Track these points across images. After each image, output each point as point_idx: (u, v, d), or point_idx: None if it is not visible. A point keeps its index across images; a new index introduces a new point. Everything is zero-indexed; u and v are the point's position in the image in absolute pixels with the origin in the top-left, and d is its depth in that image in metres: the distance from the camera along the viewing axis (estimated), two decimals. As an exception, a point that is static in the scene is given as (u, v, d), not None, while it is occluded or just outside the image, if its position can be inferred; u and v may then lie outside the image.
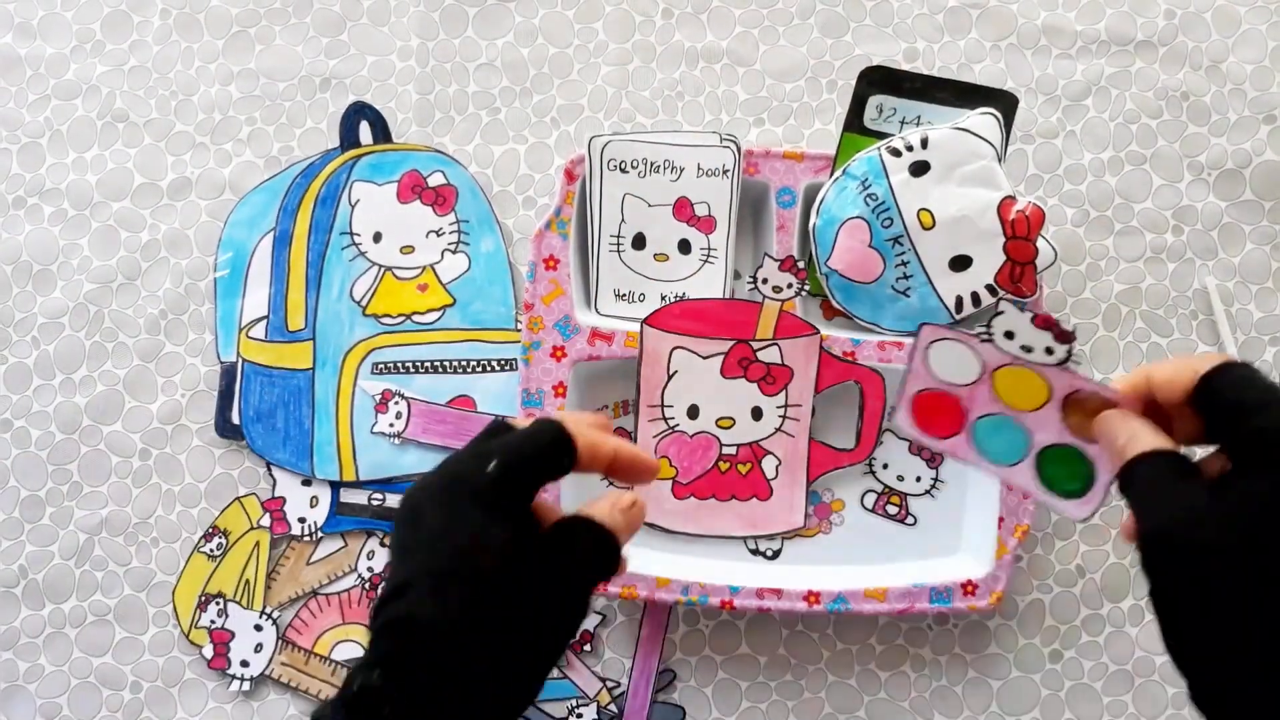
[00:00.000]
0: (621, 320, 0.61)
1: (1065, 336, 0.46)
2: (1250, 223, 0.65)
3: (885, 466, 0.62)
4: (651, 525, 0.60)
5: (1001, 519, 0.59)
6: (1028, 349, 0.48)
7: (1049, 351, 0.45)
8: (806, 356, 0.59)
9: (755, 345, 0.58)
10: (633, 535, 0.43)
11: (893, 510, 0.62)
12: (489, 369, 0.63)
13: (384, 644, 0.36)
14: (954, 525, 0.62)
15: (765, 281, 0.58)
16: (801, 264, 0.58)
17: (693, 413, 0.59)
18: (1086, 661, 0.63)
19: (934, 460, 0.62)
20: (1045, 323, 0.46)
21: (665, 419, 0.59)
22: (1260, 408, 0.38)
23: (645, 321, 0.59)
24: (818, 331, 0.59)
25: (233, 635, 0.63)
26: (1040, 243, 0.57)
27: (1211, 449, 0.42)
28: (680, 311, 0.59)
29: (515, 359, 0.63)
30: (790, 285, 0.58)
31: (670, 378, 0.59)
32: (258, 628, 0.63)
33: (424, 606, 0.36)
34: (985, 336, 0.51)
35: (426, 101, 0.66)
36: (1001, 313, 0.47)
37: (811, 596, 0.59)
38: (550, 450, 0.41)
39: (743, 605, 0.59)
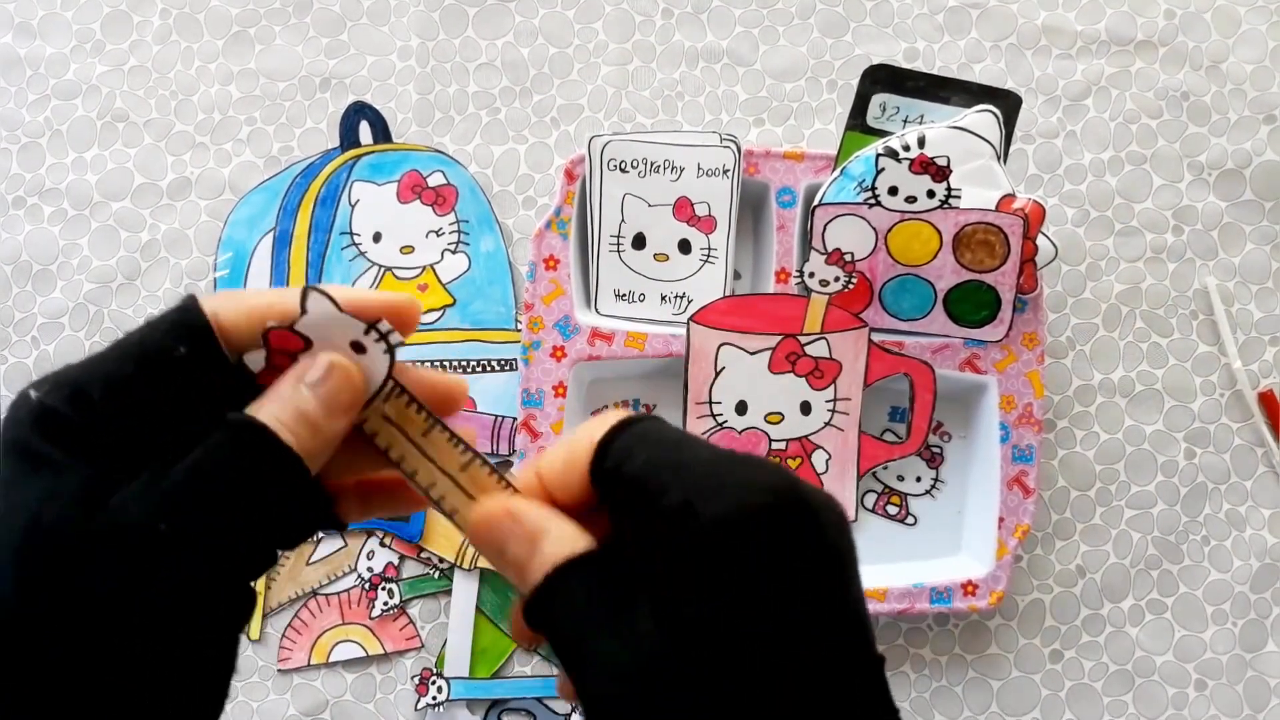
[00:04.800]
0: (621, 320, 0.61)
1: (942, 173, 0.47)
2: (1250, 223, 0.65)
3: (885, 467, 0.62)
4: None
5: (1002, 519, 0.59)
6: (912, 199, 0.48)
7: (931, 195, 0.44)
8: (855, 349, 0.59)
9: (803, 339, 0.58)
10: (346, 423, 0.27)
11: (893, 510, 0.62)
12: (489, 369, 0.63)
13: None
14: (954, 525, 0.62)
15: (812, 275, 0.57)
16: (849, 258, 0.58)
17: (741, 409, 0.59)
18: (1087, 661, 0.63)
19: (934, 460, 0.62)
20: (922, 166, 0.48)
21: (713, 416, 0.59)
22: (669, 472, 0.26)
23: (692, 319, 0.59)
24: (866, 324, 0.59)
25: None
26: (1040, 239, 0.57)
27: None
28: (727, 307, 0.59)
29: (515, 359, 0.63)
30: (838, 279, 0.57)
31: (718, 374, 0.59)
32: None
33: None
34: (873, 201, 0.54)
35: (426, 101, 0.66)
36: (882, 169, 0.49)
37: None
38: (146, 345, 0.27)
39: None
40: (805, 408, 0.59)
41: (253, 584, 0.28)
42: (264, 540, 0.27)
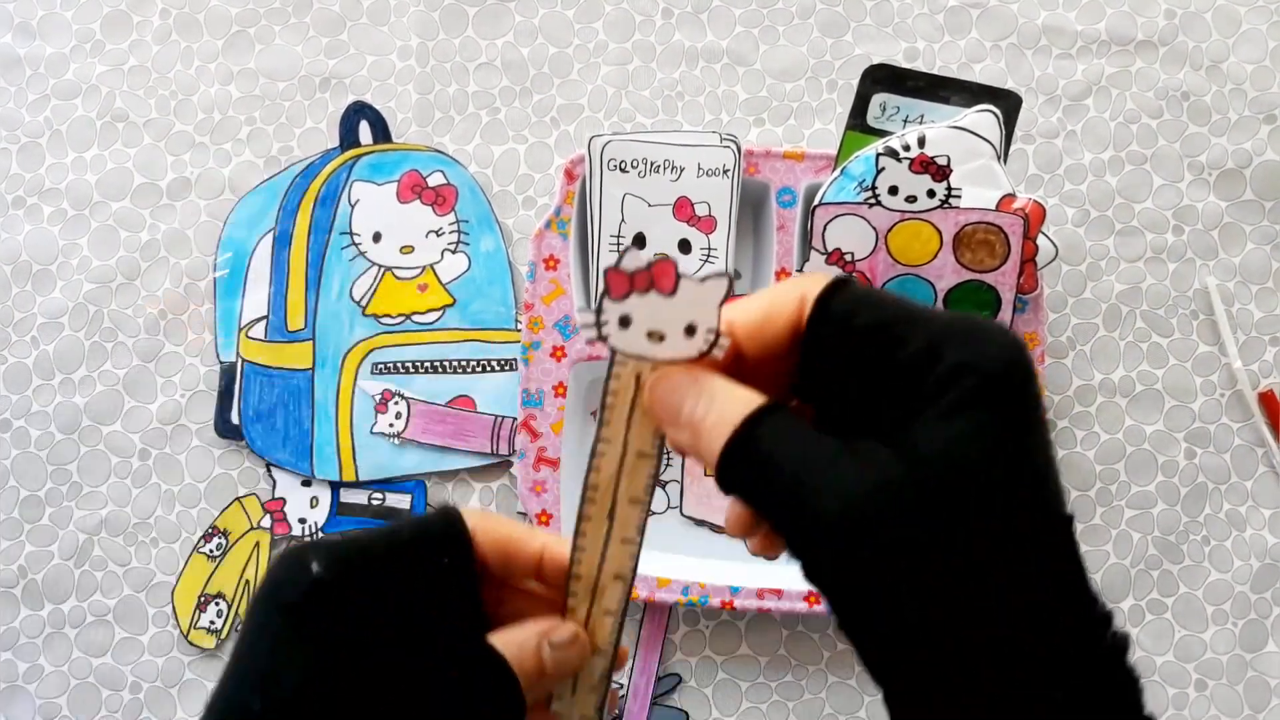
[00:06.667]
0: (622, 320, 0.61)
1: (942, 173, 0.47)
2: (1251, 223, 0.65)
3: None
4: (701, 522, 0.60)
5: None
6: (912, 199, 0.46)
7: (931, 194, 0.42)
8: None
9: None
10: (561, 684, 0.31)
11: (893, 510, 0.62)
12: (489, 369, 0.63)
13: None
14: (954, 525, 0.62)
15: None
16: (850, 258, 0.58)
17: None
18: (1087, 662, 0.63)
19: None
20: (922, 165, 0.47)
21: None
22: (905, 324, 0.27)
23: None
24: None
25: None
26: (1041, 239, 0.57)
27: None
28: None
29: (515, 359, 0.63)
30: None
31: None
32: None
33: None
34: (873, 200, 0.54)
35: (426, 101, 0.66)
36: (883, 169, 0.48)
37: (812, 597, 0.59)
38: (416, 545, 0.30)
39: (743, 606, 0.59)
40: None
41: None
42: None
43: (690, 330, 0.29)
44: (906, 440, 0.26)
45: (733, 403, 0.28)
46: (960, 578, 0.25)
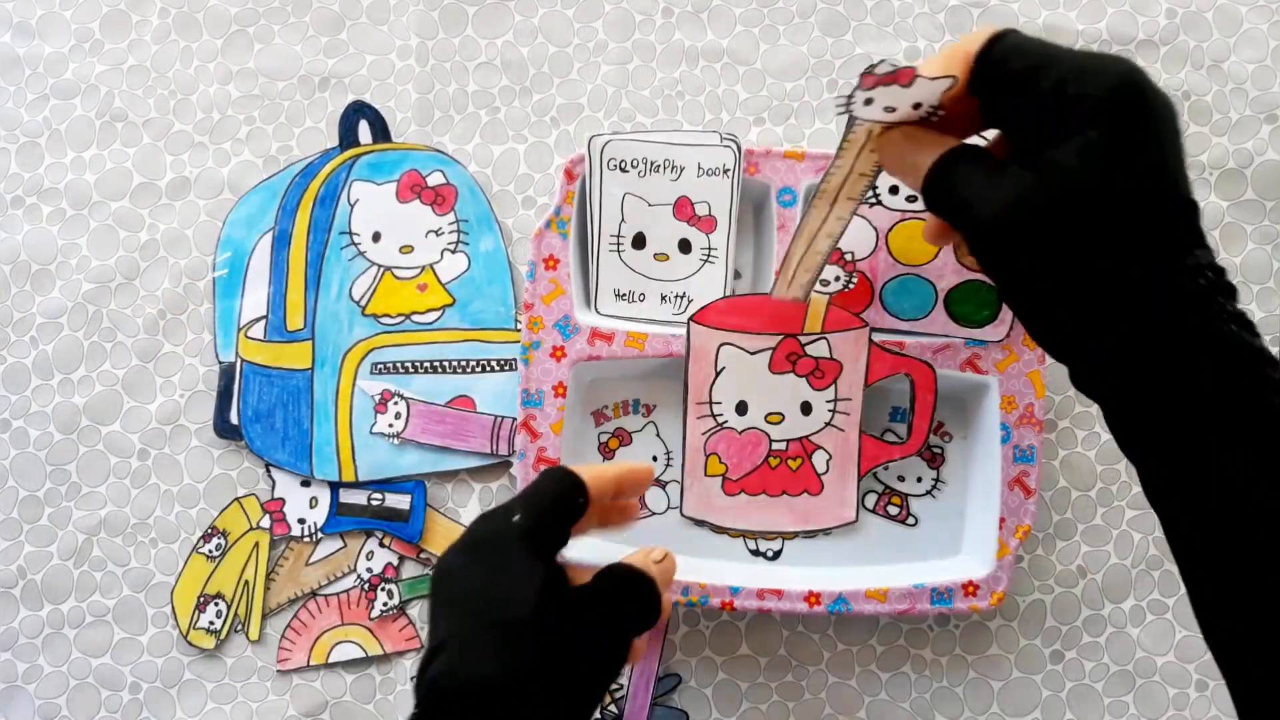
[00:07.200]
0: (621, 320, 0.61)
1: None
2: (1251, 223, 0.65)
3: (886, 467, 0.62)
4: (702, 522, 0.61)
5: (1003, 520, 0.59)
6: (913, 198, 0.55)
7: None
8: (856, 349, 0.59)
9: (803, 339, 0.58)
10: (667, 587, 0.44)
11: (894, 511, 0.62)
12: (489, 369, 0.63)
13: (425, 705, 0.38)
14: (955, 526, 0.62)
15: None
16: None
17: (741, 409, 0.59)
18: (1088, 662, 0.63)
19: (935, 461, 0.62)
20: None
21: (713, 416, 0.59)
22: (1045, 66, 0.35)
23: (693, 319, 0.59)
24: (866, 324, 0.59)
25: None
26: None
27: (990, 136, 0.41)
28: (727, 307, 0.59)
29: (515, 359, 0.63)
30: (838, 278, 0.58)
31: (718, 374, 0.59)
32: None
33: (461, 664, 0.38)
34: (873, 200, 0.59)
35: (426, 101, 0.66)
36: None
37: (812, 597, 0.59)
38: (566, 490, 0.44)
39: (743, 606, 0.59)
40: (806, 408, 0.59)
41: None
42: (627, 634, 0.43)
43: (916, 106, 0.39)
44: (1038, 163, 0.35)
45: (930, 148, 0.38)
46: (1071, 251, 0.35)
